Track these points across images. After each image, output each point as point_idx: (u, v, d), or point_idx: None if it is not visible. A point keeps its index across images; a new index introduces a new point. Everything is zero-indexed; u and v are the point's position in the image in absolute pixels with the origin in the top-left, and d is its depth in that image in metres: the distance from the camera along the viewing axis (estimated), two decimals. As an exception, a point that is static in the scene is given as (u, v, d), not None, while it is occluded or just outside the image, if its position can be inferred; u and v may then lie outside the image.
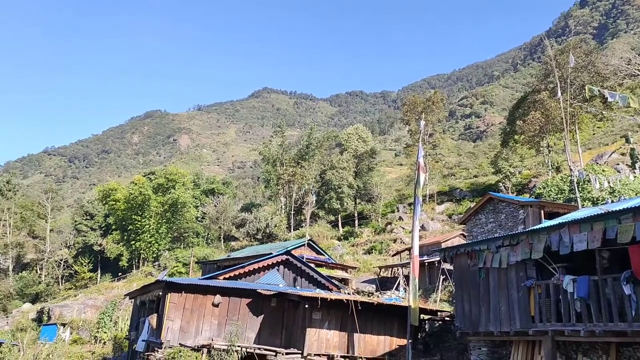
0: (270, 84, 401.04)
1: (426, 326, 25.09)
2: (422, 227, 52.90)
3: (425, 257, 37.54)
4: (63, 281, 77.14)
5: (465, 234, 35.23)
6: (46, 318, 51.96)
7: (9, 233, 79.26)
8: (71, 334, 45.35)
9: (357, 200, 70.47)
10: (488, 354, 16.60)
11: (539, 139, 54.17)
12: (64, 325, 47.40)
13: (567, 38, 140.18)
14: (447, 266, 30.88)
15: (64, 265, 78.10)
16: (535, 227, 16.37)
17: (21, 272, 78.88)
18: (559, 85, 43.21)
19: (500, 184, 59.46)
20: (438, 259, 32.83)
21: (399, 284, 38.11)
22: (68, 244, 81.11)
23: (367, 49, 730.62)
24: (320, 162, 74.97)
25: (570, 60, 32.50)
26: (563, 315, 13.65)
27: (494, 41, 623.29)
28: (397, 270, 41.47)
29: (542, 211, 26.76)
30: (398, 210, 67.54)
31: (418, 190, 20.11)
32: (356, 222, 67.97)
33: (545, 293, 14.37)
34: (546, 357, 14.03)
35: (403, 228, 59.02)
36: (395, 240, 55.50)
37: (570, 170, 39.98)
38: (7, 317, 62.67)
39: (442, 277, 33.12)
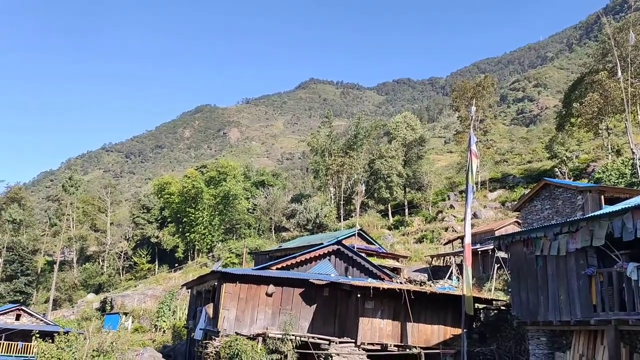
0: (316, 75, 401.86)
1: (481, 315, 24.67)
2: (475, 215, 51.88)
3: (478, 246, 36.83)
4: (123, 272, 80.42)
5: (520, 222, 34.29)
6: (109, 307, 54.34)
7: (73, 227, 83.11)
8: (133, 322, 47.22)
9: (407, 189, 69.80)
10: (547, 344, 16.16)
11: (598, 121, 51.93)
12: (125, 314, 49.44)
13: (626, 15, 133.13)
14: (501, 254, 30.18)
15: (124, 257, 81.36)
16: (595, 213, 15.73)
17: (85, 264, 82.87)
18: (618, 64, 41.22)
19: (556, 169, 57.42)
20: (492, 247, 32.16)
21: (451, 272, 37.61)
22: (127, 237, 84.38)
23: (413, 35, 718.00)
24: (368, 152, 74.62)
25: (630, 38, 31.01)
26: (627, 304, 13.11)
27: (546, 21, 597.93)
28: (450, 259, 40.91)
29: (602, 196, 25.64)
30: (449, 199, 66.46)
31: (470, 177, 19.74)
32: (406, 211, 67.38)
33: (608, 281, 13.83)
34: (609, 347, 13.54)
35: (454, 216, 58.07)
36: (446, 229, 54.73)
37: (633, 153, 38.12)
38: (72, 307, 66.03)
39: (496, 266, 32.43)
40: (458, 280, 33.87)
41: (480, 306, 23.92)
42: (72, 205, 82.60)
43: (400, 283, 26.45)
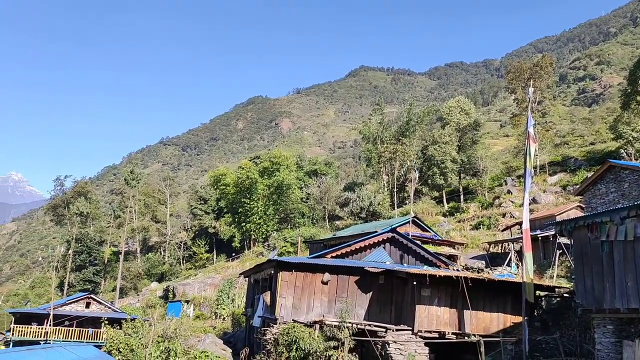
0: (366, 62, 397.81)
1: (543, 303, 23.98)
2: (534, 200, 50.24)
3: (538, 232, 35.68)
4: (184, 261, 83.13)
5: (583, 206, 32.96)
6: (171, 295, 56.41)
7: (135, 218, 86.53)
8: (194, 310, 48.82)
9: (462, 175, 68.38)
10: (614, 332, 15.53)
11: (667, 98, 48.93)
12: (187, 302, 51.18)
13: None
14: (563, 240, 29.11)
15: (183, 247, 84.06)
16: (665, 196, 14.92)
17: (147, 254, 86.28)
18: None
19: (622, 151, 54.59)
20: (553, 232, 31.07)
21: (510, 259, 36.62)
22: (186, 227, 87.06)
23: (465, 17, 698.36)
24: (421, 138, 73.49)
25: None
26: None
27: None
28: (508, 245, 39.87)
29: (673, 178, 24.29)
30: (506, 184, 64.59)
31: (528, 161, 19.15)
32: (461, 197, 66.05)
33: (680, 267, 13.13)
34: (683, 336, 12.88)
35: (512, 202, 56.45)
36: (504, 215, 53.30)
37: None
38: (137, 295, 69.01)
39: (558, 252, 31.32)
40: (517, 267, 32.97)
41: (542, 294, 23.23)
42: (134, 198, 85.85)
43: (457, 270, 26.06)
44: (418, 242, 30.59)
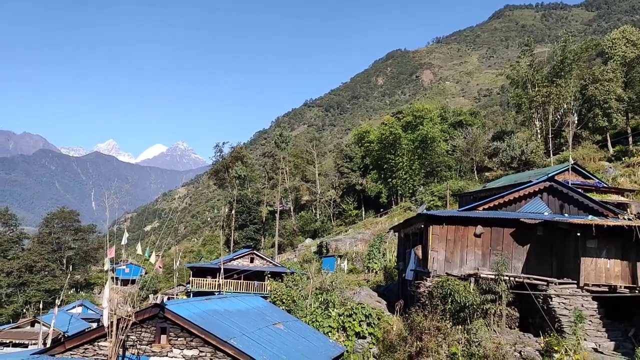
0: (511, 1, 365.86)
1: None
2: None
3: None
4: (334, 218, 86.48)
5: None
6: (325, 251, 59.30)
7: (287, 179, 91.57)
8: (347, 264, 50.90)
9: (630, 115, 61.07)
10: None
11: None
12: (340, 257, 53.46)
13: None
14: None
15: (333, 205, 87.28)
16: None
17: (300, 212, 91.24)
18: None
19: None
20: None
21: (694, 206, 32.30)
22: (334, 185, 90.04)
23: None
24: (578, 77, 66.64)
25: None
26: None
27: None
28: (691, 190, 35.14)
29: None
30: (687, 121, 56.46)
31: None
32: (630, 139, 59.16)
33: None
34: None
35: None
36: (685, 156, 46.87)
37: None
38: (294, 250, 73.69)
39: None
40: None
41: None
42: (285, 160, 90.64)
43: (629, 219, 23.70)
44: (580, 190, 28.30)
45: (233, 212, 73.00)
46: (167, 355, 14.98)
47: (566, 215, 24.88)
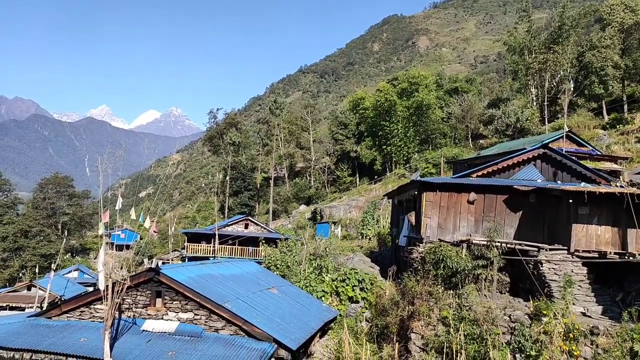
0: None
1: None
2: None
3: None
4: (328, 185, 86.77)
5: None
6: (319, 217, 59.63)
7: (282, 146, 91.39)
8: (341, 230, 51.29)
9: (626, 82, 60.81)
10: None
11: None
12: (334, 223, 53.82)
13: None
14: None
15: (327, 171, 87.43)
16: None
17: (294, 179, 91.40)
18: None
19: None
20: None
21: (686, 174, 32.55)
22: (329, 152, 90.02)
23: None
24: (576, 44, 66.01)
25: None
26: None
27: None
28: (684, 159, 35.32)
29: None
30: (683, 89, 56.28)
31: None
32: (625, 107, 59.07)
33: None
34: None
35: (690, 109, 49.32)
36: (679, 125, 46.93)
37: None
38: (288, 217, 74.07)
39: None
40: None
41: None
42: (279, 127, 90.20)
43: (621, 187, 23.88)
44: (573, 157, 28.38)
45: (227, 178, 73.06)
46: (162, 318, 15.20)
47: (559, 182, 25.02)
